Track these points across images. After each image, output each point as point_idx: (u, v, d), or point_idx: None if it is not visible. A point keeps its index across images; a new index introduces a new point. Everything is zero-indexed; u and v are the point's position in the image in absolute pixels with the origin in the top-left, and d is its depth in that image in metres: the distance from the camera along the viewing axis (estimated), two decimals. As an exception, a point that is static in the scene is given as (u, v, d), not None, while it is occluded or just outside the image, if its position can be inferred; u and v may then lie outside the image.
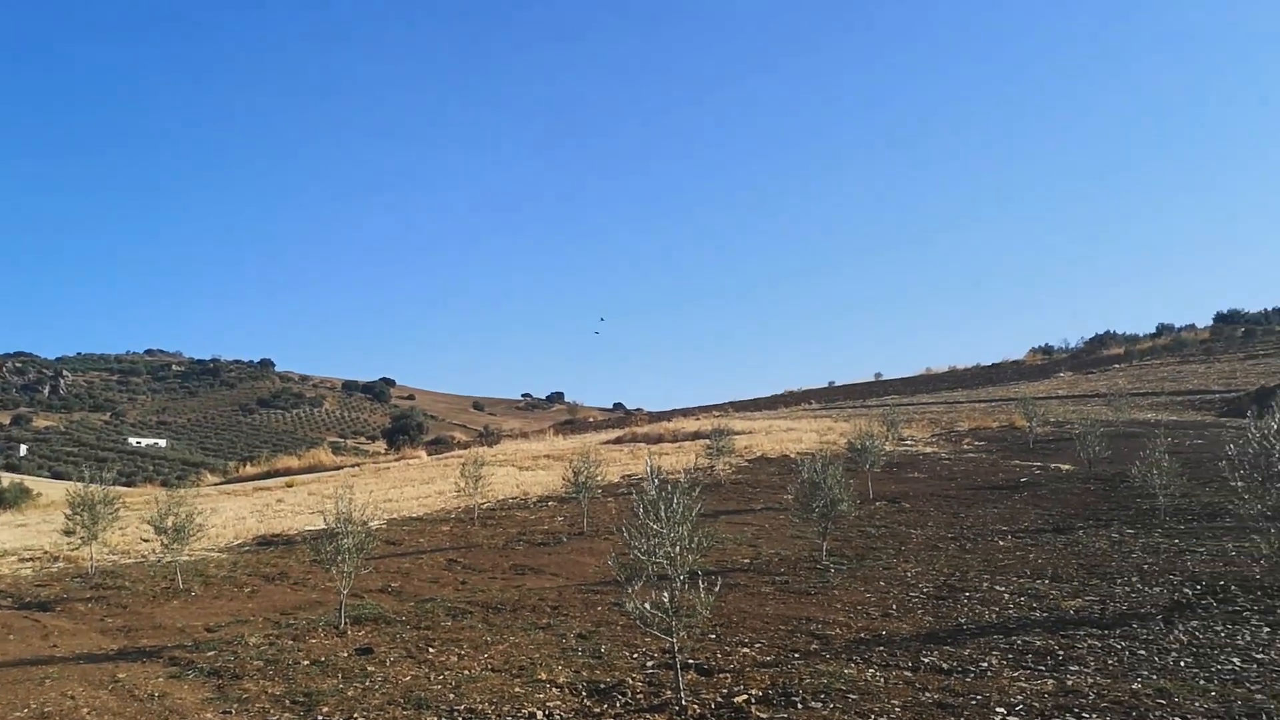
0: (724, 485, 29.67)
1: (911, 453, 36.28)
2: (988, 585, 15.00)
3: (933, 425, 45.66)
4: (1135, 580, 14.69)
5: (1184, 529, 19.20)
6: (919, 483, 29.04)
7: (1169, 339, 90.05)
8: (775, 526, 22.03)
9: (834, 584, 15.81)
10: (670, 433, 47.66)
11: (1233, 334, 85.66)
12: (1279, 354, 69.44)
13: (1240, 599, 13.00)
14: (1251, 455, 13.49)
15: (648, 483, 10.05)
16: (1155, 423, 39.69)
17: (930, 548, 18.93)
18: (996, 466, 31.84)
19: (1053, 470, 30.05)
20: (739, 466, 33.77)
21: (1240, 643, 10.79)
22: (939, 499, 25.61)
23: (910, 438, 40.75)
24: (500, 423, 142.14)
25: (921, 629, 12.44)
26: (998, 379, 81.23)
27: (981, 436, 40.51)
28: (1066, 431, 36.03)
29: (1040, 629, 12.00)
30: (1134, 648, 10.82)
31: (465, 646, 12.63)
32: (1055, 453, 33.75)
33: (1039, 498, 24.98)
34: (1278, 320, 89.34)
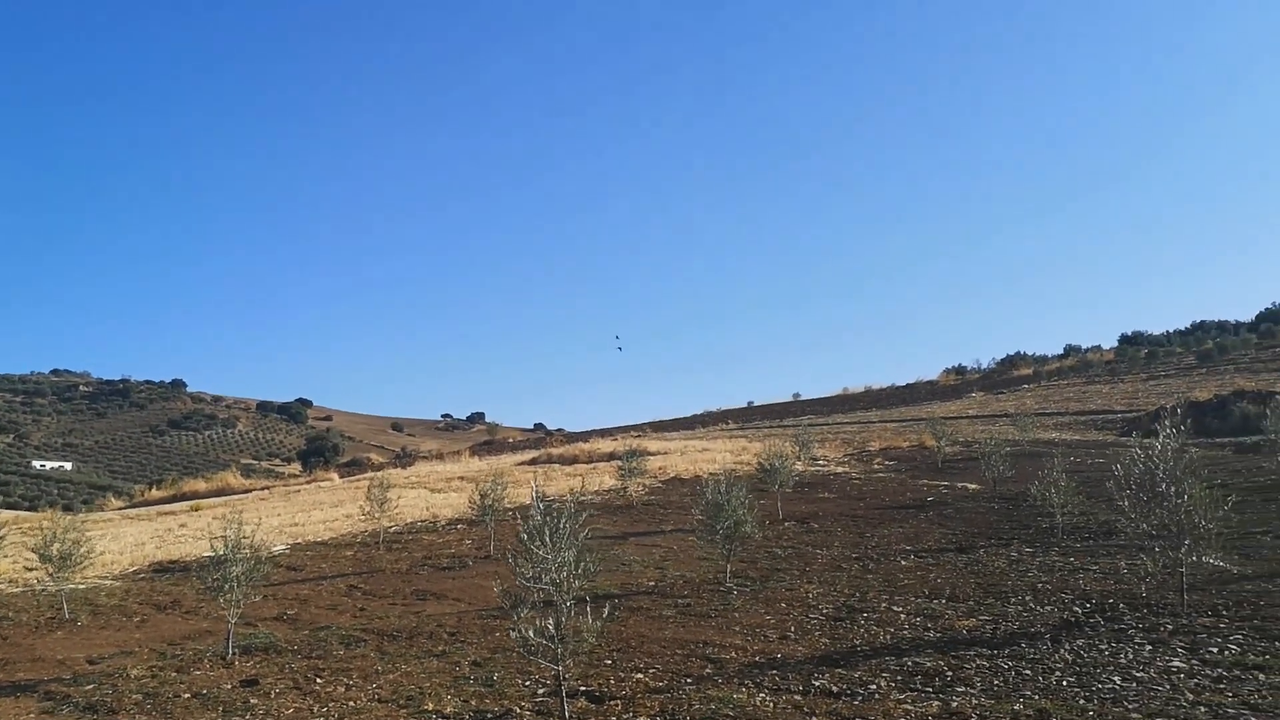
0: (635, 507, 29.59)
1: (823, 473, 36.60)
2: (886, 606, 15.08)
3: (846, 445, 46.18)
4: (1029, 599, 14.90)
5: (1080, 547, 19.58)
6: (829, 503, 29.25)
7: (1076, 360, 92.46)
8: (683, 548, 21.95)
9: (736, 606, 15.76)
10: (585, 454, 47.49)
11: (1136, 355, 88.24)
12: (1179, 375, 71.71)
13: (1127, 617, 13.24)
14: (1137, 475, 13.77)
15: (533, 508, 9.86)
16: (1059, 442, 40.63)
17: (834, 568, 19.02)
18: (905, 486, 32.25)
19: (959, 490, 30.53)
20: (652, 487, 33.72)
21: (1123, 661, 10.96)
22: (847, 519, 25.81)
23: (823, 458, 41.13)
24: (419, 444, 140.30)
25: (817, 651, 12.43)
26: (912, 399, 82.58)
27: (892, 456, 41.05)
28: (975, 451, 36.65)
29: (933, 650, 12.08)
30: (1021, 667, 10.93)
31: (355, 676, 12.30)
32: (962, 472, 34.32)
33: (944, 517, 25.31)
34: (1179, 342, 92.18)
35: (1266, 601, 13.40)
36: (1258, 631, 11.84)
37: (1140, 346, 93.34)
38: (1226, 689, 9.60)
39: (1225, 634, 11.87)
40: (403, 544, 25.28)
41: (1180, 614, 13.05)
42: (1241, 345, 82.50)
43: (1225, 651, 11.03)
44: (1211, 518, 13.17)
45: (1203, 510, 13.13)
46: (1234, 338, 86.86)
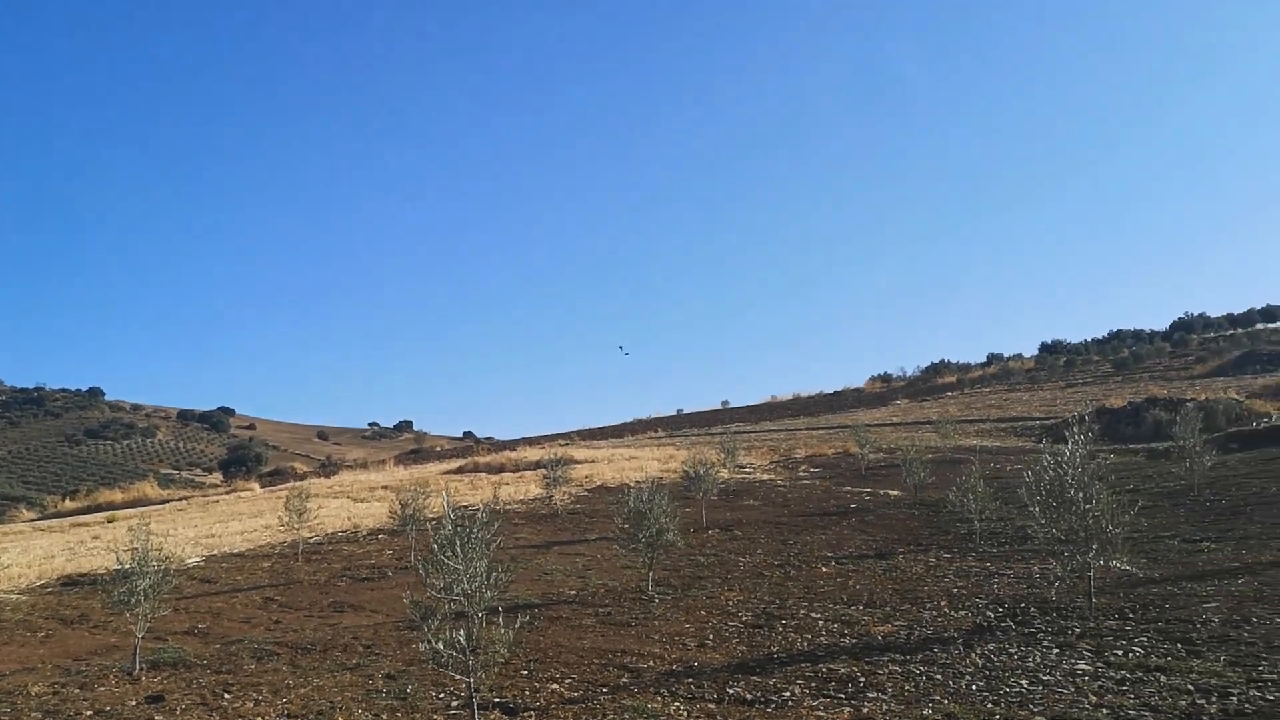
0: (560, 515, 29.46)
1: (749, 480, 36.79)
2: (805, 612, 15.17)
3: (772, 452, 46.49)
4: (944, 604, 15.10)
5: (996, 552, 19.91)
6: (753, 510, 29.41)
7: (998, 368, 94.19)
8: (607, 557, 21.89)
9: (656, 615, 15.74)
10: (512, 462, 47.21)
11: (1055, 363, 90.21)
12: (1096, 382, 73.53)
13: (1037, 620, 13.48)
14: (1048, 482, 14.03)
15: (444, 518, 9.72)
16: (979, 449, 41.31)
17: (756, 575, 19.10)
18: (829, 493, 32.55)
19: (881, 496, 30.90)
20: (578, 496, 33.62)
21: (1030, 664, 11.13)
22: (771, 526, 25.96)
23: (749, 465, 41.35)
24: (344, 453, 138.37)
25: (734, 659, 12.45)
26: (839, 406, 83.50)
27: (818, 463, 41.43)
28: (898, 458, 37.10)
29: (848, 656, 12.16)
30: (932, 672, 11.05)
31: (265, 691, 12.03)
32: (885, 479, 34.74)
33: (866, 524, 25.58)
34: (1096, 350, 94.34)
35: (1171, 604, 13.73)
36: (1161, 634, 12.12)
37: (1060, 355, 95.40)
38: (1129, 691, 9.79)
39: (1130, 636, 12.13)
40: (322, 555, 24.87)
41: (1088, 617, 13.31)
42: (1155, 353, 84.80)
43: (1129, 654, 11.26)
44: (1118, 523, 13.46)
45: (1110, 515, 13.41)
46: (1149, 346, 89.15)
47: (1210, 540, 18.88)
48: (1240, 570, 15.80)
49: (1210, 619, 12.61)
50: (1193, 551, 18.04)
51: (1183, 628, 12.28)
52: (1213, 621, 12.46)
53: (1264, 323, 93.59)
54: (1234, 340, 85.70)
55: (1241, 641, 11.36)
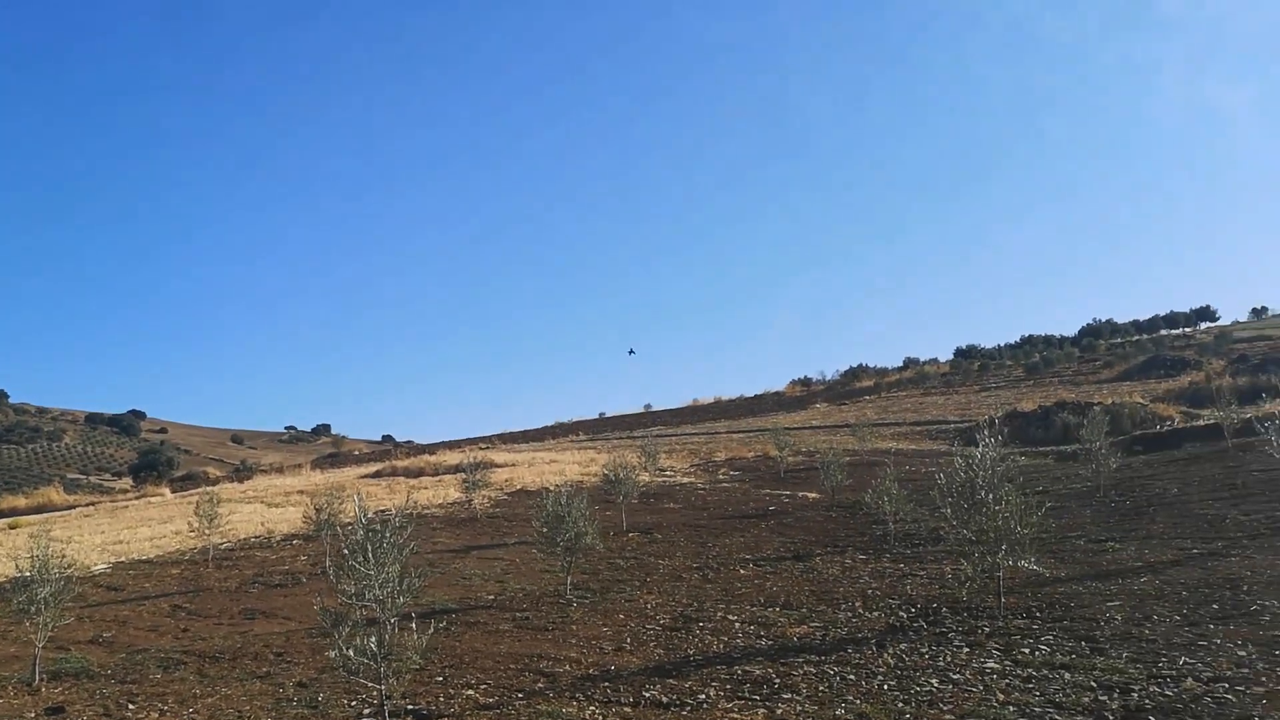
0: (479, 519, 29.24)
1: (669, 483, 36.91)
2: (722, 615, 15.25)
3: (693, 455, 46.71)
4: (858, 605, 15.29)
5: (910, 554, 20.24)
6: (673, 513, 29.50)
7: (914, 372, 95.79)
8: (526, 561, 21.76)
9: (574, 619, 15.69)
10: (431, 466, 46.70)
11: (969, 368, 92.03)
12: (1008, 386, 75.16)
13: (949, 620, 13.72)
14: (959, 484, 14.29)
15: (356, 523, 9.56)
16: (895, 452, 41.96)
17: (675, 578, 19.15)
18: (748, 496, 32.79)
19: (800, 499, 31.23)
20: (497, 500, 33.39)
21: (941, 663, 11.33)
22: (690, 529, 26.06)
23: (670, 468, 41.48)
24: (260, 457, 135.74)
25: (651, 662, 12.47)
26: (760, 410, 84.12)
27: (737, 466, 41.71)
28: (816, 461, 37.50)
29: (763, 657, 12.25)
30: (845, 673, 11.18)
31: (171, 701, 11.72)
32: (804, 481, 35.11)
33: (784, 526, 25.82)
34: (1009, 355, 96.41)
35: (1076, 603, 14.07)
36: (1066, 632, 12.42)
37: (974, 360, 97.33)
38: (1035, 688, 10.01)
39: (1037, 635, 12.41)
40: (234, 561, 24.34)
41: (997, 616, 13.59)
42: (1065, 359, 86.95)
43: (1036, 652, 11.52)
44: (1026, 524, 13.75)
45: (1018, 517, 13.70)
46: (1059, 351, 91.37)
47: (1115, 540, 19.41)
48: (1143, 569, 16.26)
49: (1113, 617, 12.95)
50: (1098, 551, 18.53)
51: (1087, 626, 12.60)
52: (1116, 620, 12.80)
53: (1167, 329, 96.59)
54: (1140, 346, 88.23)
55: (1143, 639, 11.68)
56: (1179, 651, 10.95)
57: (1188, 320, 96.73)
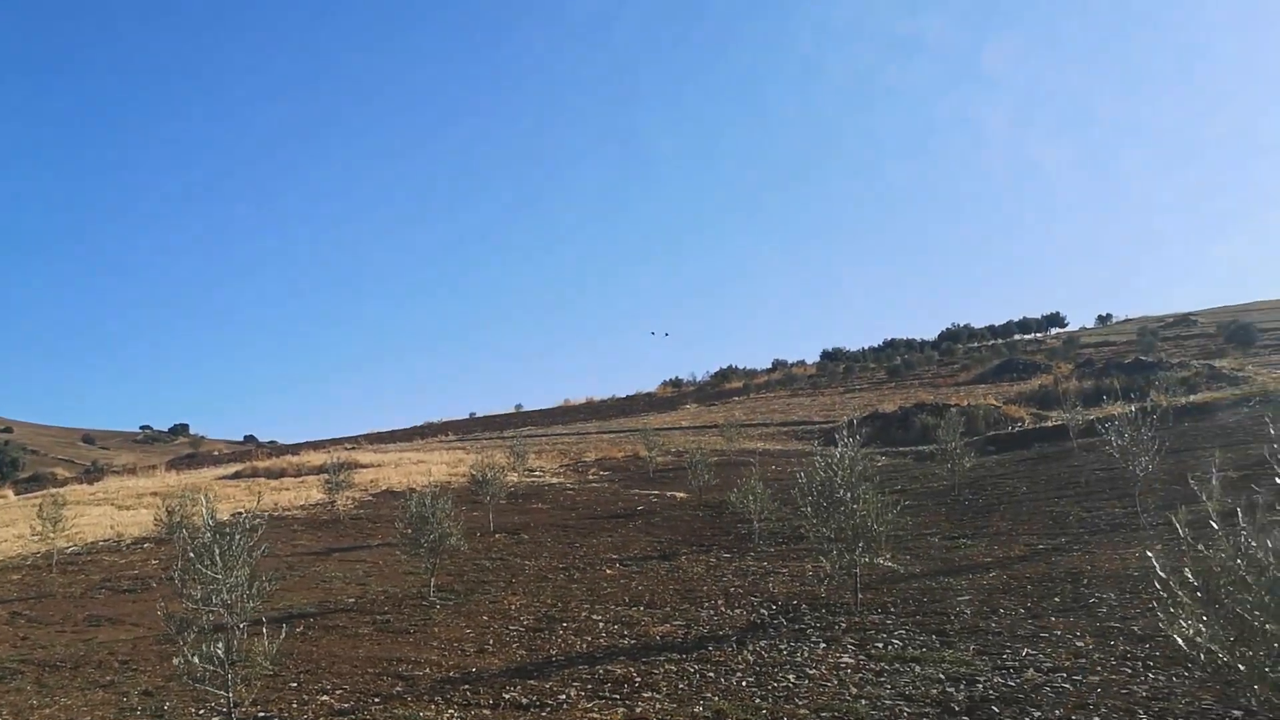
0: (343, 521, 28.62)
1: (538, 483, 36.77)
2: (586, 614, 15.25)
3: (563, 456, 46.64)
4: (721, 603, 15.48)
5: (773, 552, 20.59)
6: (541, 513, 29.39)
7: (782, 374, 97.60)
8: (389, 563, 21.38)
9: (437, 621, 15.48)
10: (294, 467, 45.48)
11: (835, 370, 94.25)
12: (871, 388, 77.19)
13: (808, 617, 14.00)
14: (819, 483, 14.58)
15: (203, 525, 9.22)
16: (762, 451, 42.65)
17: (540, 579, 19.08)
18: (617, 496, 32.89)
19: (668, 498, 31.46)
20: (362, 501, 32.72)
21: (799, 659, 11.54)
22: (558, 529, 26.01)
23: (539, 468, 41.32)
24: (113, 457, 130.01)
25: (513, 663, 12.37)
26: (631, 410, 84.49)
27: (607, 466, 41.80)
28: (685, 461, 37.83)
29: (626, 656, 12.28)
30: (705, 670, 11.29)
31: (4, 713, 11.11)
32: (672, 481, 35.39)
33: (652, 525, 25.98)
34: (872, 358, 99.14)
35: (929, 598, 14.52)
36: (919, 626, 12.80)
37: (839, 362, 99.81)
38: (886, 682, 10.28)
39: (891, 630, 12.75)
40: (80, 566, 23.26)
41: (854, 612, 13.93)
42: (925, 361, 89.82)
43: (889, 646, 11.84)
44: (883, 522, 14.14)
45: (875, 515, 14.06)
46: (919, 354, 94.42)
47: (967, 537, 20.12)
48: (992, 565, 16.89)
49: (963, 611, 13.40)
50: (951, 548, 19.17)
51: (938, 620, 13.01)
52: (965, 613, 13.25)
53: (1020, 334, 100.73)
54: (994, 350, 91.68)
55: (989, 632, 12.12)
56: (1022, 643, 11.39)
57: (1039, 326, 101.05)
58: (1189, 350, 70.30)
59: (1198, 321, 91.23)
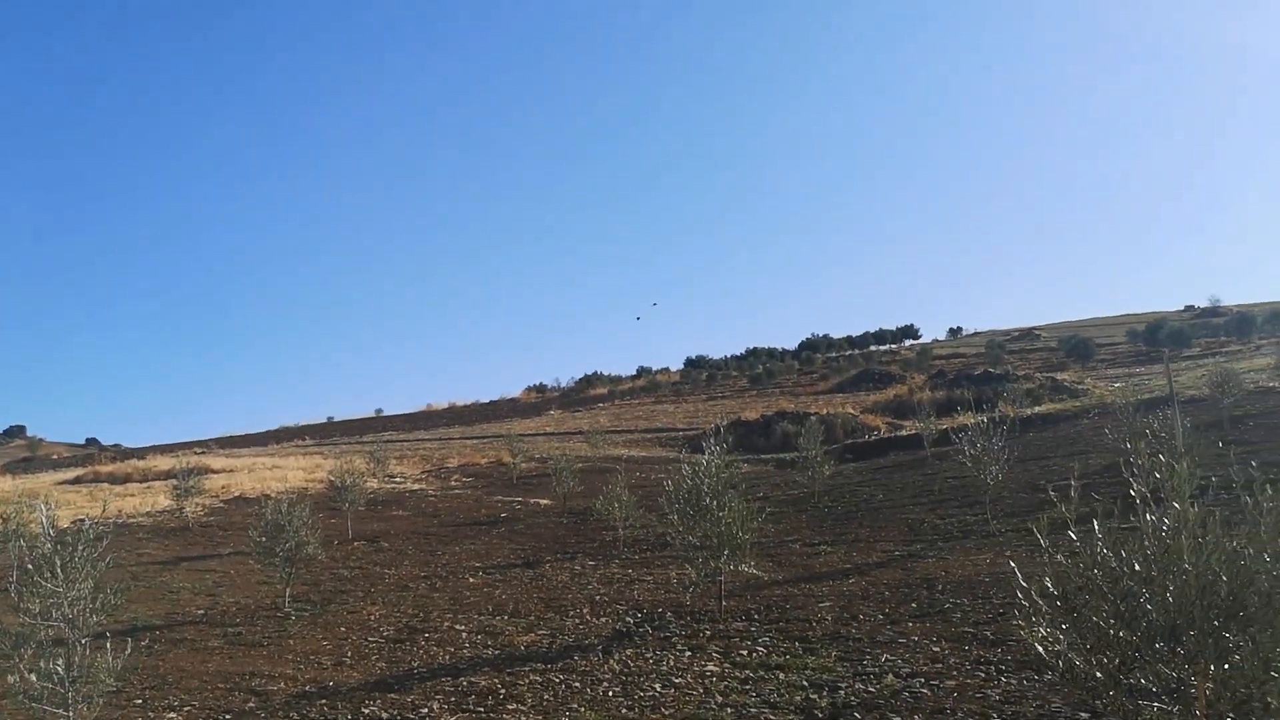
0: (192, 529, 27.47)
1: (400, 490, 36.08)
2: (449, 625, 14.98)
3: (425, 462, 45.90)
4: (586, 612, 15.39)
5: (639, 559, 20.61)
6: (402, 521, 28.83)
7: (646, 380, 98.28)
8: (241, 572, 20.62)
9: (292, 633, 14.97)
10: (140, 472, 43.47)
11: (698, 378, 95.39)
12: (734, 396, 78.44)
13: (673, 624, 14.03)
14: (686, 490, 14.65)
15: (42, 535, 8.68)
16: (627, 458, 42.78)
17: (401, 588, 18.67)
18: (480, 503, 32.52)
19: (532, 505, 31.24)
20: (213, 508, 31.49)
21: (664, 668, 11.54)
22: (420, 537, 25.54)
23: (400, 474, 40.54)
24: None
25: (372, 676, 12.04)
26: (495, 416, 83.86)
27: (470, 472, 41.30)
28: (549, 467, 37.64)
29: (490, 667, 12.09)
30: (571, 680, 11.19)
31: None
32: (537, 488, 35.16)
33: (515, 533, 25.74)
34: (735, 367, 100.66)
35: (791, 605, 14.72)
36: (782, 633, 12.95)
37: (703, 370, 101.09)
38: (751, 689, 10.35)
39: (755, 637, 12.87)
40: (-101, 578, 21.72)
41: (719, 619, 14.02)
42: (786, 370, 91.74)
43: (754, 654, 11.94)
44: (748, 529, 14.28)
45: (740, 522, 14.19)
46: (781, 364, 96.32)
47: (827, 543, 20.53)
48: (851, 571, 17.25)
49: (825, 617, 13.63)
50: (812, 554, 19.53)
51: (800, 627, 13.19)
52: (826, 620, 13.47)
53: (876, 344, 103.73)
54: (852, 360, 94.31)
55: (850, 638, 12.34)
56: (882, 649, 11.63)
57: (894, 337, 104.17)
58: (1033, 363, 73.64)
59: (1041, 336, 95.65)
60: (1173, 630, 5.21)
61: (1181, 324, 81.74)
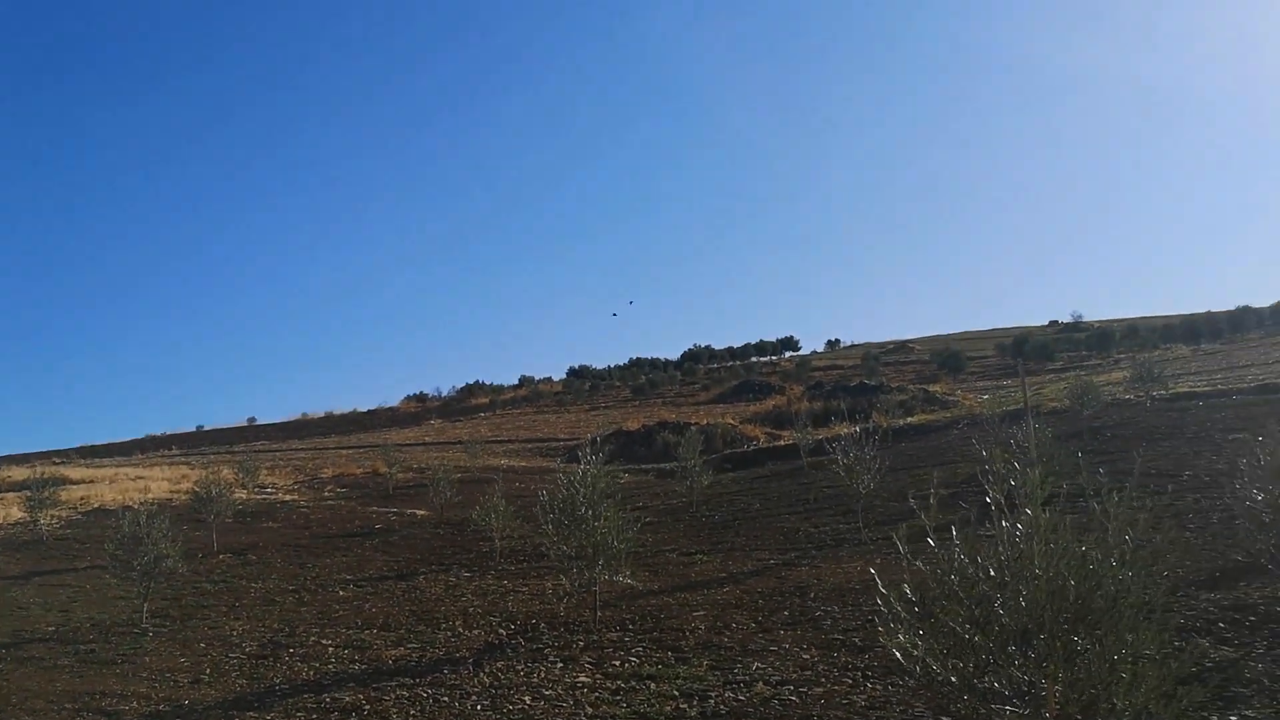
0: (46, 542, 26.17)
1: (270, 501, 35.06)
2: (315, 639, 14.55)
3: (298, 472, 44.79)
4: (459, 624, 15.12)
5: (515, 570, 20.38)
6: (272, 532, 28.00)
7: (529, 390, 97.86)
8: (97, 587, 19.71)
9: (148, 650, 14.35)
10: (-11, 482, 41.45)
11: (581, 388, 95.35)
12: (617, 406, 78.63)
13: (546, 636, 13.86)
14: (561, 500, 14.54)
15: None
16: (506, 468, 42.46)
17: (267, 602, 18.10)
18: (354, 514, 31.81)
19: (408, 516, 30.68)
20: (70, 520, 30.04)
21: (535, 680, 11.38)
22: (290, 549, 24.82)
23: (271, 485, 39.43)
24: None
25: (231, 694, 11.60)
26: (373, 425, 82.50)
27: (345, 483, 40.42)
28: (427, 477, 37.08)
29: (355, 683, 11.76)
30: (439, 694, 10.94)
31: None
32: (413, 498, 34.59)
33: (390, 544, 25.22)
34: (618, 376, 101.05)
35: (666, 614, 14.70)
36: (655, 642, 12.91)
37: (585, 379, 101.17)
38: (622, 700, 10.28)
39: (629, 647, 12.80)
40: None
41: (593, 630, 13.91)
42: (669, 380, 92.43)
43: (626, 664, 11.87)
44: (622, 539, 14.23)
45: (615, 532, 14.15)
46: (663, 374, 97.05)
47: (703, 552, 20.63)
48: (726, 580, 17.34)
49: (698, 626, 13.64)
50: (688, 564, 19.58)
51: (674, 636, 13.17)
52: (700, 629, 13.49)
53: (757, 356, 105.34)
54: (733, 371, 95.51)
55: (722, 646, 12.37)
56: (753, 657, 11.68)
57: (774, 349, 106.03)
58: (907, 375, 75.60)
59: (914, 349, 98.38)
60: (1024, 634, 5.32)
61: (1046, 339, 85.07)
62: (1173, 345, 71.17)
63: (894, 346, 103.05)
